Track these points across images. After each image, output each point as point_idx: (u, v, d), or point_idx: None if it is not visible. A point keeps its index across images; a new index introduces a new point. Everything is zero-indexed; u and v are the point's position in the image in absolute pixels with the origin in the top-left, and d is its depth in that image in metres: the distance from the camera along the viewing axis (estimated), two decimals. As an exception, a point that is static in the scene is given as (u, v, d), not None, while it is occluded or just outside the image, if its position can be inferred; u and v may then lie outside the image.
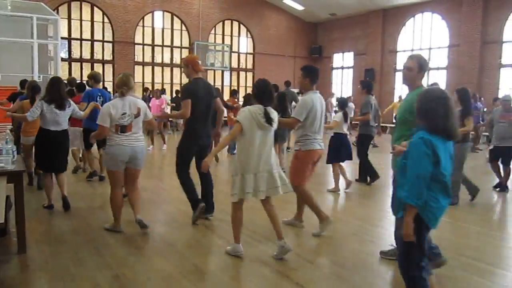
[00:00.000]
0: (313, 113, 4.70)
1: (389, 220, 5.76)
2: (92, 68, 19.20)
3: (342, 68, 23.32)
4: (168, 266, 3.90)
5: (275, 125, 4.00)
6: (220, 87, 21.44)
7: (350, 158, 7.35)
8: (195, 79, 5.16)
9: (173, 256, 4.16)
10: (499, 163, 7.42)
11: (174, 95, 18.04)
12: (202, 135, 5.18)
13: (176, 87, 20.70)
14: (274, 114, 3.98)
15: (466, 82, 16.58)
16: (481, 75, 16.68)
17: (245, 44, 22.96)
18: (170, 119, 15.76)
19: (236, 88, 20.86)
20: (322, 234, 4.81)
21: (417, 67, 3.66)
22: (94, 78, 7.40)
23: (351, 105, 15.64)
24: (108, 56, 19.50)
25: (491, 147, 7.60)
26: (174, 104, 15.96)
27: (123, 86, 4.63)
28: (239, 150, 4.03)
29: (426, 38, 19.09)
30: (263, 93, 3.99)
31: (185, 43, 21.13)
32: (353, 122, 13.31)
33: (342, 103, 7.63)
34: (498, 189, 7.45)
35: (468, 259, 4.22)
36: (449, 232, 5.18)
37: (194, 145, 5.17)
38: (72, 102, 5.74)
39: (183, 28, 20.99)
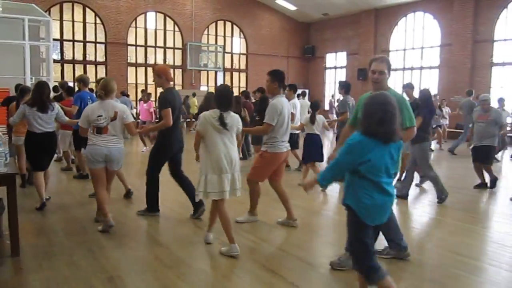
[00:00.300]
0: (282, 117, 4.88)
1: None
2: (85, 69, 19.13)
3: (335, 68, 23.38)
4: (163, 268, 3.89)
5: (232, 128, 4.18)
6: (212, 88, 21.49)
7: (321, 160, 7.54)
8: (169, 88, 5.31)
9: (168, 258, 4.15)
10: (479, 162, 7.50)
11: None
12: (175, 142, 5.38)
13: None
14: (231, 119, 4.16)
15: (458, 81, 16.74)
16: (473, 73, 16.80)
17: (238, 44, 22.96)
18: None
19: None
20: (239, 220, 5.17)
21: (388, 69, 3.71)
22: (83, 81, 7.45)
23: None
24: (100, 58, 19.42)
25: (471, 147, 7.70)
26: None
27: (100, 90, 4.88)
28: (202, 152, 4.23)
29: (418, 38, 19.20)
30: (220, 98, 4.21)
31: (178, 44, 21.10)
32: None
33: (314, 106, 7.72)
34: (483, 188, 7.47)
35: (459, 257, 4.25)
36: (441, 231, 5.21)
37: (168, 152, 5.37)
38: (56, 106, 5.86)
39: (176, 29, 20.95)
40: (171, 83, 5.40)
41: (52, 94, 9.14)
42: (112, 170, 4.95)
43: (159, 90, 5.46)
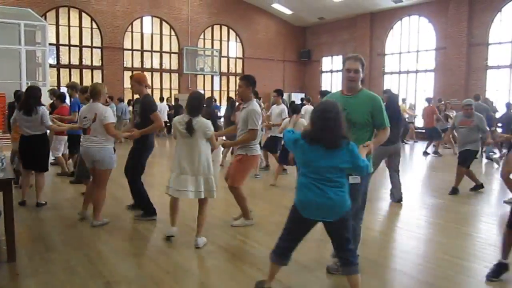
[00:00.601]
0: (260, 120, 5.10)
1: (382, 223, 5.81)
2: (81, 74, 19.12)
3: (331, 71, 23.44)
4: (161, 273, 3.88)
5: (198, 133, 4.38)
6: (209, 92, 21.54)
7: (285, 163, 7.82)
8: (147, 95, 5.55)
9: (166, 263, 4.14)
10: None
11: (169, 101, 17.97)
12: (153, 144, 5.66)
13: (166, 93, 20.70)
14: (197, 124, 4.38)
15: (453, 84, 16.83)
16: (468, 77, 16.88)
17: (234, 48, 23.00)
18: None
19: (226, 92, 20.91)
20: (236, 225, 5.24)
21: (362, 68, 3.64)
22: (75, 88, 7.51)
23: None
24: (97, 62, 19.41)
25: (457, 151, 7.68)
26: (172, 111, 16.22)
27: (87, 94, 5.40)
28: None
29: (414, 41, 19.28)
30: (189, 105, 4.50)
31: (175, 48, 21.12)
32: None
33: (294, 109, 7.80)
34: (480, 189, 7.47)
35: (454, 259, 4.26)
36: (439, 234, 5.22)
37: (149, 153, 5.61)
38: (42, 110, 5.93)
39: (172, 33, 20.98)
40: (148, 90, 5.72)
41: (48, 101, 9.15)
42: (99, 170, 5.11)
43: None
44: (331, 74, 23.47)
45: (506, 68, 16.18)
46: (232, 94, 21.42)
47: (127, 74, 20.01)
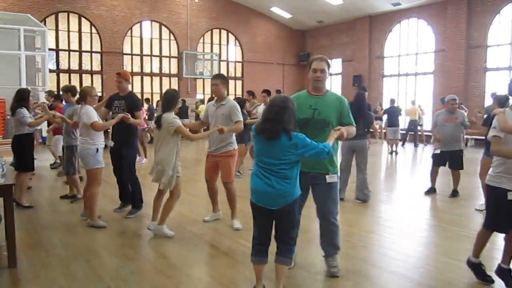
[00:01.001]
0: None
1: (382, 226, 5.81)
2: (81, 79, 19.14)
3: (331, 74, 23.46)
4: (161, 277, 3.88)
5: (164, 128, 4.80)
6: (209, 96, 21.51)
7: None
8: (132, 92, 5.98)
9: (165, 267, 4.14)
10: (448, 167, 7.25)
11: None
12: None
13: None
14: (164, 120, 4.81)
15: (452, 86, 16.85)
16: (467, 79, 16.92)
17: (233, 52, 23.04)
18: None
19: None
20: (237, 227, 5.27)
21: (328, 68, 3.79)
22: (71, 91, 7.53)
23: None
24: (96, 67, 19.44)
25: (437, 151, 7.25)
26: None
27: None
28: None
29: (413, 44, 19.32)
30: (162, 102, 5.07)
31: (174, 52, 21.16)
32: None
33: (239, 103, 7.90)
34: (433, 193, 7.35)
35: (455, 261, 4.26)
36: (437, 236, 5.22)
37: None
38: (20, 110, 6.18)
39: (172, 37, 21.02)
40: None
41: (47, 103, 9.22)
42: (86, 169, 5.37)
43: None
44: (331, 77, 23.48)
45: (505, 70, 16.20)
46: (231, 97, 21.36)
47: (126, 79, 20.04)
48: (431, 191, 7.39)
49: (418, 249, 4.85)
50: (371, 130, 7.40)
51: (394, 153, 13.70)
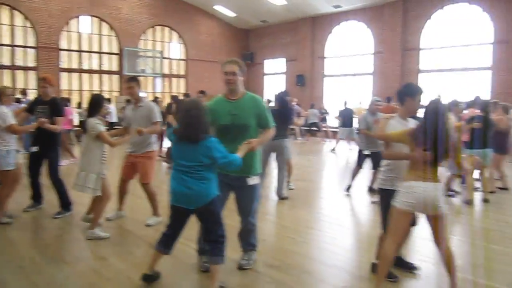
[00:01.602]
0: None
1: (323, 222, 5.97)
2: (13, 75, 18.08)
3: (275, 74, 23.75)
4: (102, 281, 3.77)
5: (87, 132, 4.82)
6: (152, 93, 21.08)
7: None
8: (56, 97, 5.98)
9: (107, 270, 4.02)
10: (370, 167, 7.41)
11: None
12: None
13: (105, 95, 20.01)
14: (88, 124, 4.82)
15: (389, 87, 17.61)
16: (402, 80, 17.72)
17: (177, 50, 22.71)
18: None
19: (177, 94, 20.56)
20: (150, 223, 5.37)
21: (239, 71, 3.79)
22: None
23: (297, 107, 15.79)
24: (31, 63, 18.43)
25: (366, 152, 7.27)
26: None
27: None
28: None
29: (353, 45, 19.94)
30: (88, 106, 4.98)
31: (115, 49, 20.52)
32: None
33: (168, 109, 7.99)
34: (348, 192, 7.48)
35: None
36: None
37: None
38: None
39: (112, 33, 20.36)
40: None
41: None
42: None
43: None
44: (274, 77, 23.78)
45: (436, 72, 17.16)
46: (174, 96, 21.08)
47: (63, 76, 19.18)
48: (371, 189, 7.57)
49: (357, 243, 5.04)
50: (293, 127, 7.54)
51: (334, 151, 14.09)
